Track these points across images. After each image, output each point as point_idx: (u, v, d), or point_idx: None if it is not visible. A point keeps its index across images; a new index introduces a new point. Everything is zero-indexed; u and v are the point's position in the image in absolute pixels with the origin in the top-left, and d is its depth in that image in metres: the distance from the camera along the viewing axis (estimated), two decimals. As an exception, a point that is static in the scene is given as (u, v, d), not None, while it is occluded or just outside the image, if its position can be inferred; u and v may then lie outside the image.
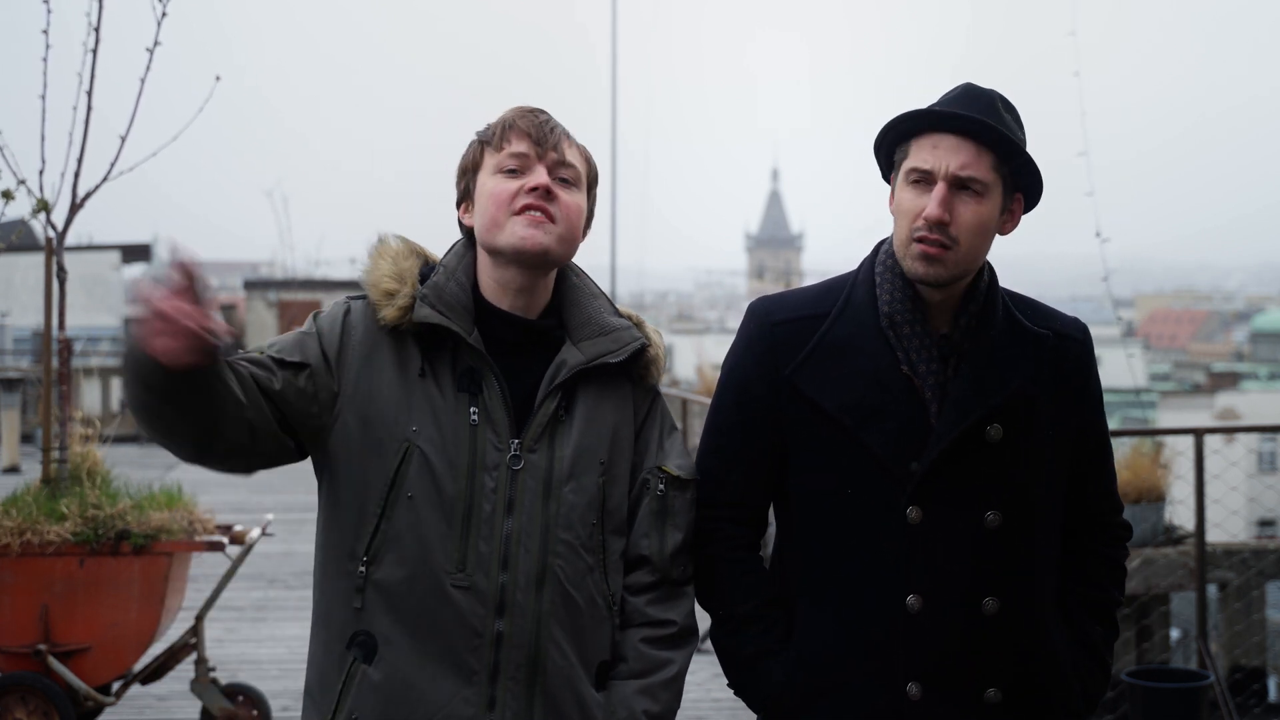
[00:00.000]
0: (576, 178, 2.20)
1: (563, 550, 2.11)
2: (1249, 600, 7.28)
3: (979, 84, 2.24)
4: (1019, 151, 2.19)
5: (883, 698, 2.21)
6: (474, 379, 2.13)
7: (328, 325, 2.17)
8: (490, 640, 2.07)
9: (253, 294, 23.15)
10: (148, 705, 5.87)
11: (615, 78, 23.17)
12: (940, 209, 2.15)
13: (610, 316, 2.25)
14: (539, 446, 2.13)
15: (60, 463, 4.88)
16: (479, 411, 2.11)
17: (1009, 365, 2.25)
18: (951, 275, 2.20)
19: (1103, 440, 2.39)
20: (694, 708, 6.02)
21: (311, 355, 2.14)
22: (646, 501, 2.22)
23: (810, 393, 2.25)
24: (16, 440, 14.35)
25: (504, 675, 2.08)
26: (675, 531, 2.23)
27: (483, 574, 2.08)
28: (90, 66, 4.98)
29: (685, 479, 2.25)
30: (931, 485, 2.20)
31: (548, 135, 2.17)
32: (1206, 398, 46.22)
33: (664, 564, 2.21)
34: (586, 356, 2.18)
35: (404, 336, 2.14)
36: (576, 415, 2.17)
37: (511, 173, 2.16)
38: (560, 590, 2.10)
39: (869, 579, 2.22)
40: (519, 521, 2.10)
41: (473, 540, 2.08)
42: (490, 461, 2.10)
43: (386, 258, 2.18)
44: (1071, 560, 2.37)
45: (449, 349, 2.14)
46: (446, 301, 2.13)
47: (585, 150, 2.26)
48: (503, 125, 2.19)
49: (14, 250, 5.50)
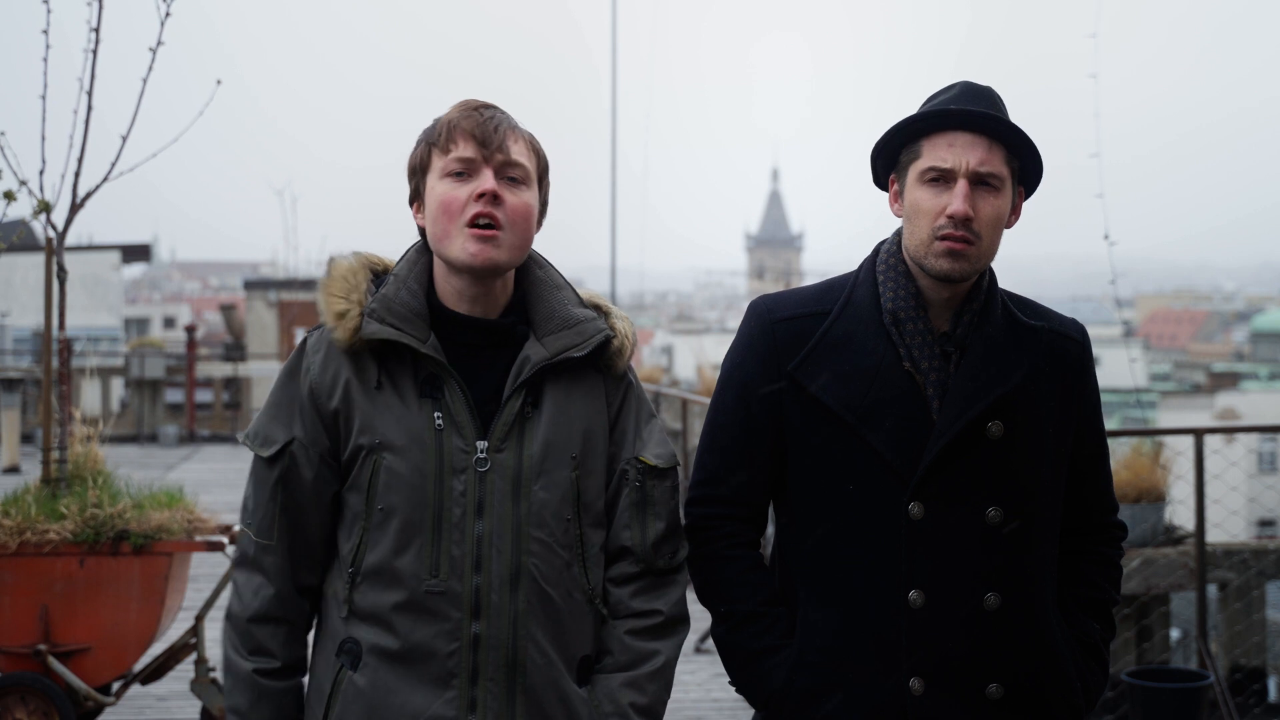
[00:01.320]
0: (525, 175, 2.17)
1: (536, 548, 2.12)
2: (1249, 600, 7.29)
3: (976, 81, 2.26)
4: (1028, 145, 2.21)
5: (885, 693, 2.22)
6: (435, 385, 2.13)
7: (288, 378, 2.20)
8: (468, 643, 2.09)
9: (252, 294, 23.14)
10: (148, 705, 5.87)
11: (615, 79, 23.17)
12: (966, 204, 2.17)
13: (574, 308, 2.23)
14: (506, 445, 2.13)
15: (60, 463, 4.88)
16: (443, 416, 2.11)
17: (1009, 362, 2.26)
18: (974, 269, 2.22)
19: (1100, 440, 2.40)
20: (694, 708, 6.02)
21: (294, 425, 2.17)
22: (626, 492, 2.22)
23: (813, 389, 2.25)
24: (16, 440, 14.35)
25: (483, 677, 2.09)
26: (657, 521, 2.23)
27: (456, 578, 2.09)
28: (90, 67, 4.98)
29: (664, 468, 2.24)
30: (933, 481, 2.21)
31: (492, 135, 2.14)
32: (1206, 398, 46.24)
33: (646, 554, 2.22)
34: (550, 352, 2.16)
35: (362, 352, 2.15)
36: (544, 411, 2.16)
37: (458, 176, 2.14)
38: (536, 588, 2.11)
39: (871, 575, 2.23)
40: (490, 523, 2.10)
41: (445, 545, 2.09)
42: (458, 465, 2.11)
43: (336, 278, 2.18)
44: (1068, 559, 2.38)
45: (408, 358, 2.14)
46: (396, 312, 2.13)
47: (533, 141, 2.22)
48: (447, 126, 2.16)
49: (14, 250, 5.50)
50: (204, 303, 72.70)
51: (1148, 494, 6.90)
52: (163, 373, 18.93)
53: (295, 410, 2.17)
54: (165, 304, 64.64)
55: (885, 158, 2.31)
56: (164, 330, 43.95)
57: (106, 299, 29.37)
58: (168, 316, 53.53)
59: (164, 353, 19.49)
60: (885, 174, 2.33)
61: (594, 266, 44.11)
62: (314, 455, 2.15)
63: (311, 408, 2.15)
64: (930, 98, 2.28)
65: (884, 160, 2.31)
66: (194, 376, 19.15)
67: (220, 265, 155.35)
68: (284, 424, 2.17)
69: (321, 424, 2.15)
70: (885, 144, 2.28)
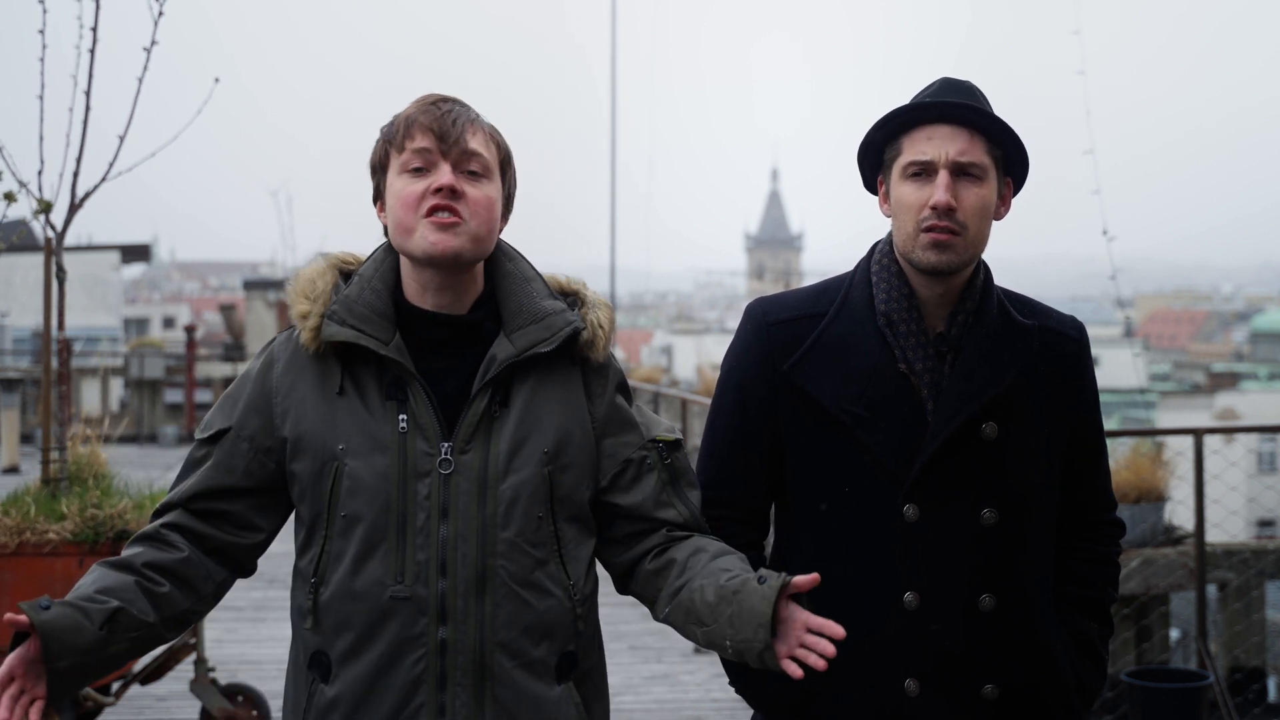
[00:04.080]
0: (485, 167, 2.13)
1: (504, 549, 2.07)
2: (1249, 600, 7.29)
3: (956, 76, 2.28)
4: (1009, 134, 2.21)
5: (881, 695, 2.22)
6: (400, 386, 2.09)
7: (252, 375, 2.19)
8: (434, 648, 2.05)
9: (252, 294, 23.14)
10: (148, 705, 5.87)
11: (615, 80, 23.17)
12: (948, 194, 2.17)
13: (544, 300, 2.17)
14: (472, 446, 2.08)
15: (60, 463, 4.87)
16: (407, 419, 2.08)
17: (1003, 363, 2.26)
18: (962, 261, 2.21)
19: (1097, 438, 2.39)
20: (694, 708, 6.03)
21: (235, 415, 2.16)
22: (656, 474, 2.20)
23: (809, 390, 2.25)
24: (16, 440, 14.36)
25: (451, 682, 2.06)
26: (691, 490, 2.23)
27: (422, 583, 2.05)
28: (87, 67, 4.98)
29: (676, 439, 2.25)
30: (927, 483, 2.21)
31: (450, 129, 2.09)
32: (1206, 398, 46.26)
33: (697, 522, 2.22)
34: (517, 349, 2.11)
35: (327, 355, 2.12)
36: (514, 408, 2.11)
37: (417, 171, 2.10)
38: (505, 591, 2.07)
39: (866, 576, 2.23)
40: (454, 526, 2.06)
41: (410, 550, 2.05)
42: (422, 468, 2.07)
43: (302, 280, 2.16)
44: (1065, 558, 2.38)
45: (372, 360, 2.11)
46: (357, 313, 2.10)
47: (493, 131, 2.18)
48: (405, 122, 2.12)
49: (14, 250, 5.50)
50: (203, 303, 72.76)
51: (1148, 494, 6.90)
52: (162, 373, 18.94)
53: (239, 403, 2.16)
54: (165, 304, 64.70)
55: (870, 159, 2.32)
56: (163, 330, 43.99)
57: (106, 299, 29.37)
58: (167, 317, 53.59)
59: (164, 353, 19.51)
60: (873, 176, 2.33)
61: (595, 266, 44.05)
62: (246, 449, 2.14)
63: (259, 404, 2.14)
64: (914, 97, 2.29)
65: (870, 161, 2.32)
66: (193, 377, 19.14)
67: (220, 265, 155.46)
68: (226, 413, 2.17)
69: (260, 421, 2.14)
70: (869, 144, 2.29)
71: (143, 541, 2.15)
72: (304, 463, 2.11)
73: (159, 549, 2.13)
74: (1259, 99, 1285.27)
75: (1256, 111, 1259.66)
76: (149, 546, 2.13)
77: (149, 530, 2.17)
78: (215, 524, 2.16)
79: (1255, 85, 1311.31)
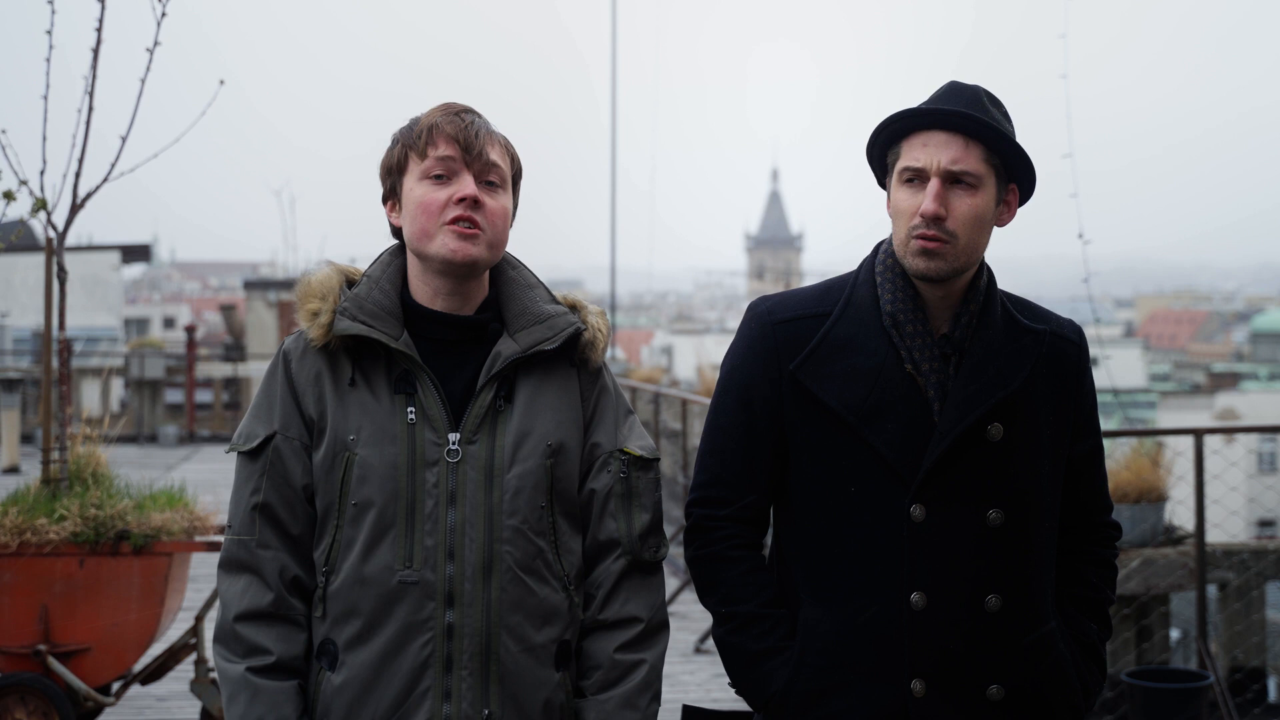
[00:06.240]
0: (503, 178, 2.23)
1: (510, 536, 2.15)
2: (1249, 600, 7.28)
3: (963, 81, 2.27)
4: (1007, 141, 2.21)
5: (887, 695, 2.22)
6: (408, 380, 2.17)
7: (275, 377, 2.23)
8: (441, 632, 2.12)
9: (252, 294, 23.15)
10: (148, 705, 5.87)
11: (615, 81, 23.18)
12: (935, 204, 2.18)
13: (546, 304, 2.27)
14: (479, 437, 2.17)
15: (61, 463, 4.87)
16: (416, 411, 2.16)
17: (1008, 364, 2.26)
18: (952, 269, 2.21)
19: (1096, 440, 2.40)
20: (694, 708, 6.02)
21: (276, 418, 2.20)
22: (611, 485, 2.25)
23: (815, 390, 2.25)
24: (16, 440, 14.35)
25: (457, 665, 2.12)
26: (642, 512, 2.26)
27: (430, 568, 2.12)
28: (92, 67, 4.97)
29: (648, 459, 2.29)
30: (934, 483, 2.21)
31: (474, 140, 2.18)
32: (1206, 398, 46.25)
33: (633, 545, 2.25)
34: (522, 346, 2.21)
35: (337, 352, 2.20)
36: (517, 403, 2.20)
37: (439, 178, 2.18)
38: (510, 576, 2.14)
39: (872, 577, 2.23)
40: (462, 512, 2.14)
41: (418, 535, 2.13)
42: (430, 457, 2.15)
43: (312, 284, 2.23)
44: (1065, 559, 2.39)
45: (381, 355, 2.19)
46: (368, 310, 2.18)
47: (508, 144, 2.27)
48: (429, 129, 2.19)
49: (14, 250, 5.50)
50: (204, 303, 72.73)
51: (1148, 494, 6.89)
52: (162, 373, 18.94)
53: (275, 406, 2.21)
54: (165, 304, 64.65)
55: (878, 160, 2.32)
56: (164, 330, 44.00)
57: (106, 299, 29.35)
58: (167, 317, 53.56)
59: (164, 353, 19.50)
60: (884, 176, 2.34)
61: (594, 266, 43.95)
62: (297, 446, 2.18)
63: (292, 402, 2.19)
64: (923, 101, 2.29)
65: (877, 162, 2.33)
66: (194, 377, 19.16)
67: (220, 266, 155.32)
68: (264, 420, 2.21)
69: (300, 418, 2.19)
70: (873, 146, 2.30)
71: (273, 624, 2.16)
72: (320, 452, 2.17)
73: (291, 635, 2.17)
74: (1261, 103, 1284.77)
75: (1257, 114, 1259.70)
76: (280, 634, 2.16)
77: (274, 608, 2.16)
78: (300, 555, 2.18)
79: (1257, 89, 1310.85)
